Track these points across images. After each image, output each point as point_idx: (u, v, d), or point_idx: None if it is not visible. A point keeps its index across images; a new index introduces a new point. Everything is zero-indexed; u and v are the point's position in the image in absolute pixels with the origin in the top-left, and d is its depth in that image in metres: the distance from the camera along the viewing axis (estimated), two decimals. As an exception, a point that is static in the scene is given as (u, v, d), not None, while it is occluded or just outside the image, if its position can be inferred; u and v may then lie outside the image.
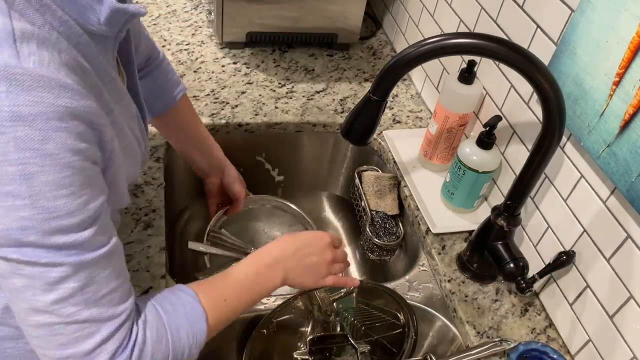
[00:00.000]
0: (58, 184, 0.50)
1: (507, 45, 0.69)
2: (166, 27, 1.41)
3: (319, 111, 1.22)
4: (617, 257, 0.75)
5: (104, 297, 0.56)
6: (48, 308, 0.53)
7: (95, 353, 0.56)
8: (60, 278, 0.53)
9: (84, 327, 0.55)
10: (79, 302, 0.54)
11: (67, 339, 0.55)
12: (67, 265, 0.53)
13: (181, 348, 0.63)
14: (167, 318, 0.63)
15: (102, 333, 0.56)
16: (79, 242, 0.53)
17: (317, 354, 0.89)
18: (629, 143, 0.69)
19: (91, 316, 0.55)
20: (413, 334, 0.89)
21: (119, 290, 0.58)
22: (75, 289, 0.54)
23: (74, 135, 0.50)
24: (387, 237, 1.10)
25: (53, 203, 0.50)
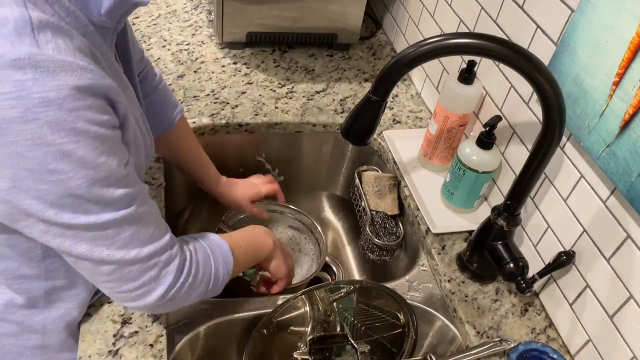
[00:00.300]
0: (93, 153, 0.55)
1: (507, 45, 0.69)
2: (166, 27, 1.41)
3: (319, 111, 1.22)
4: (617, 257, 0.75)
5: (153, 235, 0.64)
6: (114, 257, 0.61)
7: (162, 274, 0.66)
8: (116, 232, 0.60)
9: (147, 261, 0.64)
10: (137, 245, 0.62)
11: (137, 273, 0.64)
12: (117, 221, 0.60)
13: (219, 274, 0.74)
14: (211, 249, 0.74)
15: (163, 260, 0.66)
16: (121, 196, 0.59)
17: (317, 354, 0.89)
18: (629, 143, 0.69)
19: (150, 252, 0.64)
20: (413, 334, 0.89)
21: (160, 226, 0.67)
22: (130, 236, 0.62)
23: (97, 109, 0.55)
24: (387, 237, 1.10)
25: (91, 171, 0.56)
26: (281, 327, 0.90)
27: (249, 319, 0.88)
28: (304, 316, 0.93)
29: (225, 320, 0.86)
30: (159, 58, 1.30)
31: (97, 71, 0.55)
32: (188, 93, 1.21)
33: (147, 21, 1.42)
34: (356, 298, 0.94)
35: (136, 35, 1.37)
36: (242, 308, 0.88)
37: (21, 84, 0.49)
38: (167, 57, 1.31)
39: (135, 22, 1.42)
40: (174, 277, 0.66)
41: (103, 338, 0.78)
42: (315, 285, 0.89)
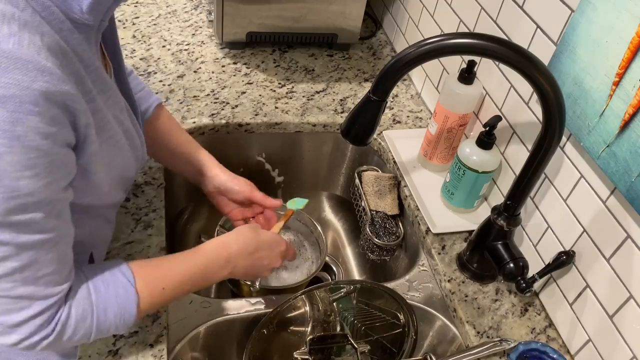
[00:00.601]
0: (23, 165, 0.51)
1: (507, 45, 0.69)
2: (166, 27, 1.41)
3: (319, 111, 1.22)
4: (617, 257, 0.75)
5: (43, 278, 0.58)
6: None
7: (23, 325, 0.58)
8: (2, 257, 0.54)
9: (17, 302, 0.57)
10: (16, 280, 0.56)
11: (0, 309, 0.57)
12: (12, 245, 0.54)
13: (106, 327, 0.65)
14: (97, 298, 0.64)
15: (34, 309, 0.58)
16: (33, 221, 0.54)
17: (317, 353, 0.89)
18: (628, 143, 0.69)
19: (26, 293, 0.57)
20: (413, 334, 0.89)
21: (59, 273, 0.60)
22: (15, 268, 0.55)
23: (47, 119, 0.51)
24: (387, 237, 1.10)
25: (15, 183, 0.51)
26: (281, 327, 0.90)
27: (249, 319, 0.88)
28: (304, 316, 0.93)
29: (225, 320, 0.86)
30: (159, 58, 1.30)
31: (58, 75, 0.51)
32: (188, 93, 1.21)
33: (147, 21, 1.42)
34: (356, 298, 0.94)
35: (136, 35, 1.37)
36: (242, 308, 0.88)
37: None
38: (167, 57, 1.31)
39: (135, 22, 1.42)
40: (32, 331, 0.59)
41: (103, 338, 0.78)
42: (315, 285, 0.89)
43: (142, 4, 1.49)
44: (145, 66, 1.27)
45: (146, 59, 1.29)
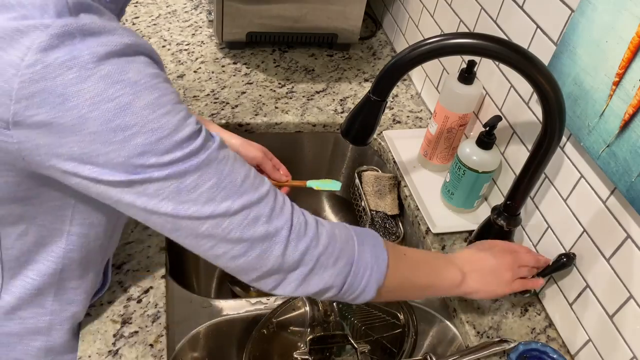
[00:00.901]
0: (155, 104, 0.53)
1: (507, 45, 0.69)
2: (166, 27, 1.41)
3: (319, 111, 1.22)
4: (617, 257, 0.75)
5: (244, 184, 0.58)
6: (204, 214, 0.57)
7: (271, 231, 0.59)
8: (195, 183, 0.56)
9: (246, 215, 0.58)
10: (225, 197, 0.57)
11: (239, 231, 0.58)
12: (192, 170, 0.55)
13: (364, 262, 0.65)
14: (354, 229, 0.66)
15: (264, 213, 0.59)
16: (194, 150, 0.55)
17: (318, 353, 0.89)
18: (628, 143, 0.69)
19: (244, 203, 0.58)
20: (413, 334, 0.89)
21: (252, 174, 0.60)
22: (213, 185, 0.56)
23: (143, 63, 0.54)
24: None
25: (158, 123, 0.53)
26: (281, 327, 0.90)
27: (249, 319, 0.88)
28: (304, 316, 0.93)
29: (225, 320, 0.87)
30: (159, 58, 1.30)
31: (133, 32, 0.55)
32: (188, 93, 1.21)
33: (147, 21, 1.42)
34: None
35: (136, 35, 1.37)
36: (242, 308, 0.88)
37: (72, 46, 0.49)
38: (167, 57, 1.31)
39: (135, 22, 1.42)
40: (288, 232, 0.60)
41: (103, 338, 0.78)
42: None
43: (142, 4, 1.49)
44: (145, 66, 1.27)
45: (146, 59, 1.29)
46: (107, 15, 0.55)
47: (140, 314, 0.81)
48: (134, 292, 0.84)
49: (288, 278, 0.62)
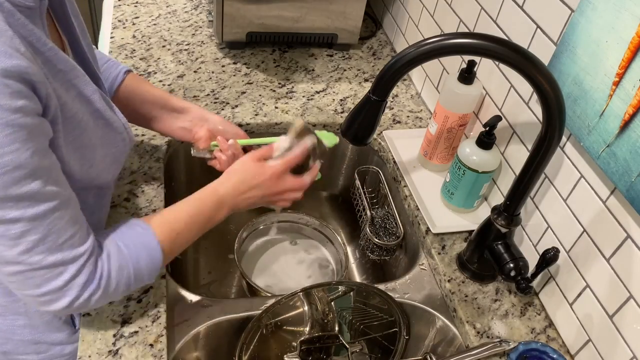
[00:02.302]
0: (2, 142, 0.53)
1: (507, 45, 0.69)
2: (166, 27, 1.41)
3: (319, 111, 1.22)
4: (617, 257, 0.75)
5: (65, 243, 0.62)
6: (16, 259, 0.59)
7: (68, 287, 0.64)
8: (21, 233, 0.58)
9: (52, 270, 0.62)
10: (42, 251, 0.60)
11: (40, 280, 0.62)
12: (24, 220, 0.57)
13: (141, 275, 0.71)
14: (128, 251, 0.70)
15: (70, 271, 0.63)
16: (32, 192, 0.57)
17: (314, 353, 0.89)
18: (628, 143, 0.69)
19: (56, 260, 0.62)
20: (405, 334, 0.89)
21: (78, 234, 0.64)
22: (37, 240, 0.59)
23: (8, 95, 0.52)
24: (387, 237, 1.10)
25: (1, 160, 0.53)
26: (279, 327, 0.90)
27: (249, 319, 0.88)
28: (303, 316, 0.93)
29: (225, 320, 0.86)
30: (159, 58, 1.30)
31: (6, 51, 0.52)
32: (188, 93, 1.21)
33: (147, 21, 1.42)
34: (353, 297, 0.94)
35: (136, 35, 1.37)
36: (242, 308, 0.88)
37: None
38: (167, 57, 1.31)
39: (135, 22, 1.42)
40: (79, 290, 0.64)
41: (103, 338, 0.78)
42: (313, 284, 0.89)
43: (142, 4, 1.49)
44: (145, 66, 1.27)
45: (146, 59, 1.29)
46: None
47: (140, 314, 0.81)
48: (134, 292, 0.84)
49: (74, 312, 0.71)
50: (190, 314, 0.85)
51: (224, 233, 1.22)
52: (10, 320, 0.80)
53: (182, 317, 0.85)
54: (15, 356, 0.84)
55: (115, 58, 1.28)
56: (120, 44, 1.33)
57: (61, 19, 0.71)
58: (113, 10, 1.46)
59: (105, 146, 0.73)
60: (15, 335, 0.81)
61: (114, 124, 0.74)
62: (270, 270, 1.15)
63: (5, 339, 0.81)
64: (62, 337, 0.84)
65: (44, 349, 0.84)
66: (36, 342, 0.83)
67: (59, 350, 0.85)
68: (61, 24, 0.71)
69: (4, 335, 0.81)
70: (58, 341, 0.84)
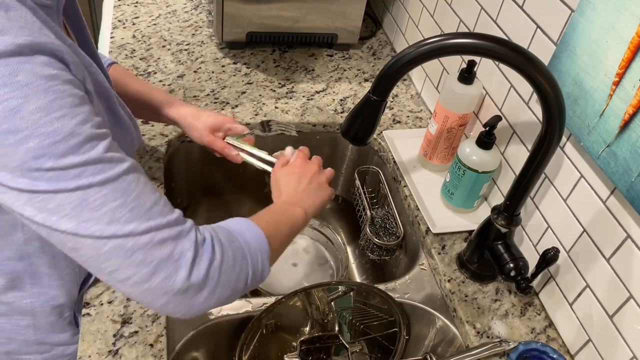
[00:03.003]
0: (47, 108, 0.51)
1: (507, 45, 0.69)
2: (166, 27, 1.41)
3: (319, 111, 1.22)
4: (617, 257, 0.75)
5: (152, 209, 0.56)
6: (108, 232, 0.54)
7: (176, 254, 0.57)
8: (100, 199, 0.53)
9: (152, 237, 0.55)
10: (130, 219, 0.54)
11: (143, 254, 0.55)
12: (96, 185, 0.53)
13: (254, 250, 0.66)
14: (228, 226, 0.66)
15: (171, 236, 0.57)
16: (94, 158, 0.53)
17: (314, 353, 0.89)
18: (628, 143, 0.69)
19: (150, 226, 0.55)
20: (405, 334, 0.89)
21: (162, 201, 0.58)
22: (119, 206, 0.54)
23: (40, 64, 0.51)
24: (387, 237, 1.10)
25: (50, 127, 0.51)
26: (279, 327, 0.90)
27: (249, 319, 0.88)
28: (303, 316, 0.93)
29: (225, 320, 0.87)
30: (159, 58, 1.30)
31: (35, 31, 0.51)
32: (188, 93, 1.21)
33: (147, 21, 1.42)
34: (353, 297, 0.94)
35: (136, 35, 1.37)
36: (242, 308, 0.88)
37: None
38: (167, 57, 1.31)
39: (135, 22, 1.42)
40: (192, 255, 0.57)
41: (103, 338, 0.78)
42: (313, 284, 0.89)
43: (142, 4, 1.49)
44: (145, 66, 1.27)
45: (146, 59, 1.29)
46: (17, 11, 0.52)
47: (140, 314, 0.81)
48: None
49: (197, 298, 0.59)
50: (190, 314, 0.85)
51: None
52: (15, 320, 0.79)
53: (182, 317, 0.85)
54: (18, 356, 0.84)
55: (115, 58, 1.28)
56: (120, 44, 1.33)
57: (72, 20, 0.71)
58: (113, 10, 1.46)
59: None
60: (19, 335, 0.81)
61: (124, 124, 0.75)
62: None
63: (9, 339, 0.81)
64: (66, 337, 0.84)
65: (47, 349, 0.84)
66: (40, 342, 0.83)
67: (62, 351, 0.85)
68: (72, 24, 0.72)
69: (7, 335, 0.81)
70: (61, 342, 0.84)
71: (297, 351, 0.87)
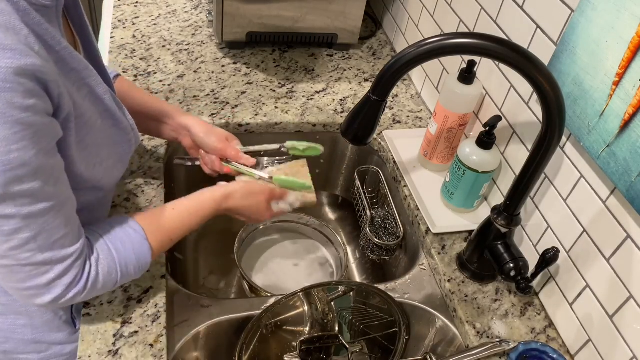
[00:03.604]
0: (9, 139, 0.53)
1: (507, 45, 0.69)
2: (166, 27, 1.41)
3: (319, 111, 1.22)
4: (617, 257, 0.75)
5: (56, 243, 0.62)
6: (6, 254, 0.60)
7: (52, 286, 0.64)
8: (14, 230, 0.58)
9: (39, 267, 0.62)
10: (32, 249, 0.60)
11: (25, 276, 0.62)
12: (19, 217, 0.57)
13: (128, 278, 0.73)
14: (118, 256, 0.71)
15: (56, 271, 0.63)
16: (31, 191, 0.57)
17: (314, 353, 0.89)
18: (628, 143, 0.69)
19: (45, 259, 0.62)
20: (405, 334, 0.89)
21: (70, 235, 0.64)
22: (29, 238, 0.59)
23: (20, 93, 0.52)
24: (387, 237, 1.10)
25: (7, 156, 0.53)
26: (279, 327, 0.90)
27: (249, 319, 0.88)
28: (303, 316, 0.93)
29: (225, 320, 0.87)
30: (159, 58, 1.30)
31: (21, 49, 0.52)
32: (188, 93, 1.21)
33: (147, 21, 1.42)
34: (353, 297, 0.94)
35: (136, 35, 1.37)
36: (242, 308, 0.88)
37: None
38: (167, 57, 1.31)
39: (135, 22, 1.42)
40: (64, 290, 0.65)
41: (103, 338, 0.78)
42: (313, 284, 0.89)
43: (142, 4, 1.49)
44: (145, 66, 1.27)
45: (146, 59, 1.29)
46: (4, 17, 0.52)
47: (140, 314, 0.81)
48: (134, 292, 0.84)
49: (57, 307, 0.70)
50: (190, 314, 0.85)
51: (224, 233, 1.21)
52: (12, 320, 0.80)
53: (182, 317, 0.85)
54: (15, 355, 0.84)
55: (115, 58, 1.28)
56: (120, 44, 1.33)
57: (75, 20, 0.71)
58: (113, 10, 1.46)
59: (111, 146, 0.73)
60: (16, 335, 0.81)
61: (121, 125, 0.75)
62: (270, 270, 1.15)
63: (6, 338, 0.82)
64: (62, 336, 0.85)
65: (44, 348, 0.84)
66: (36, 341, 0.83)
67: (59, 350, 0.86)
68: (75, 24, 0.72)
69: (4, 335, 0.81)
70: (58, 341, 0.85)
71: (297, 351, 0.87)
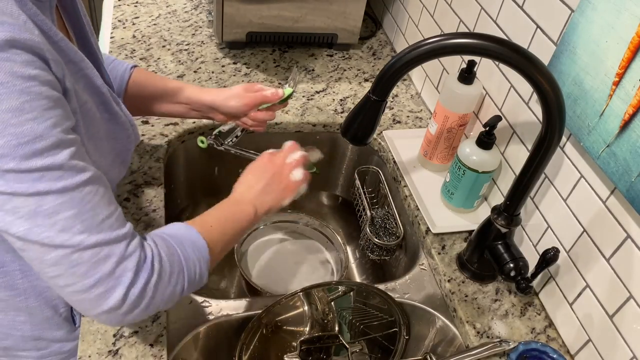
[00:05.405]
0: (19, 109, 0.50)
1: (507, 45, 0.69)
2: (166, 27, 1.41)
3: (319, 111, 1.22)
4: (617, 257, 0.75)
5: (104, 222, 0.57)
6: (57, 241, 0.54)
7: (119, 271, 0.58)
8: (54, 207, 0.54)
9: (98, 252, 0.56)
10: (82, 230, 0.55)
11: (87, 267, 0.56)
12: (53, 193, 0.53)
13: (192, 261, 0.66)
14: (172, 239, 0.66)
15: (117, 253, 0.58)
16: (57, 164, 0.53)
17: (314, 353, 0.89)
18: (628, 143, 0.69)
19: (99, 240, 0.56)
20: (405, 334, 0.89)
21: (115, 215, 0.59)
22: (72, 216, 0.55)
23: (20, 63, 0.51)
24: (387, 237, 1.10)
25: (19, 128, 0.51)
26: (279, 327, 0.90)
27: (249, 319, 0.88)
28: (303, 316, 0.93)
29: (225, 320, 0.87)
30: (159, 58, 1.30)
31: (18, 25, 0.51)
32: (188, 93, 1.21)
33: (147, 21, 1.42)
34: (353, 297, 0.94)
35: (136, 35, 1.37)
36: (242, 308, 0.88)
37: None
38: (167, 57, 1.31)
39: (135, 22, 1.42)
40: (133, 275, 0.59)
41: (103, 338, 0.78)
42: (312, 284, 0.89)
43: (142, 4, 1.49)
44: (145, 66, 1.27)
45: (146, 59, 1.29)
46: (2, 2, 0.51)
47: (140, 314, 0.81)
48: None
49: (130, 315, 0.61)
50: (190, 314, 0.85)
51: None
52: (12, 316, 0.80)
53: (182, 317, 0.85)
54: (15, 352, 0.84)
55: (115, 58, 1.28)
56: (120, 44, 1.33)
57: (71, 15, 0.71)
58: (113, 10, 1.46)
59: (110, 140, 0.73)
60: (16, 331, 0.81)
61: (119, 119, 0.74)
62: (270, 270, 1.15)
63: (6, 335, 0.82)
64: (62, 334, 0.84)
65: (43, 345, 0.84)
66: (36, 338, 0.83)
67: (59, 347, 0.86)
68: (70, 20, 0.71)
69: (4, 331, 0.81)
70: (58, 338, 0.85)
71: (297, 351, 0.87)
